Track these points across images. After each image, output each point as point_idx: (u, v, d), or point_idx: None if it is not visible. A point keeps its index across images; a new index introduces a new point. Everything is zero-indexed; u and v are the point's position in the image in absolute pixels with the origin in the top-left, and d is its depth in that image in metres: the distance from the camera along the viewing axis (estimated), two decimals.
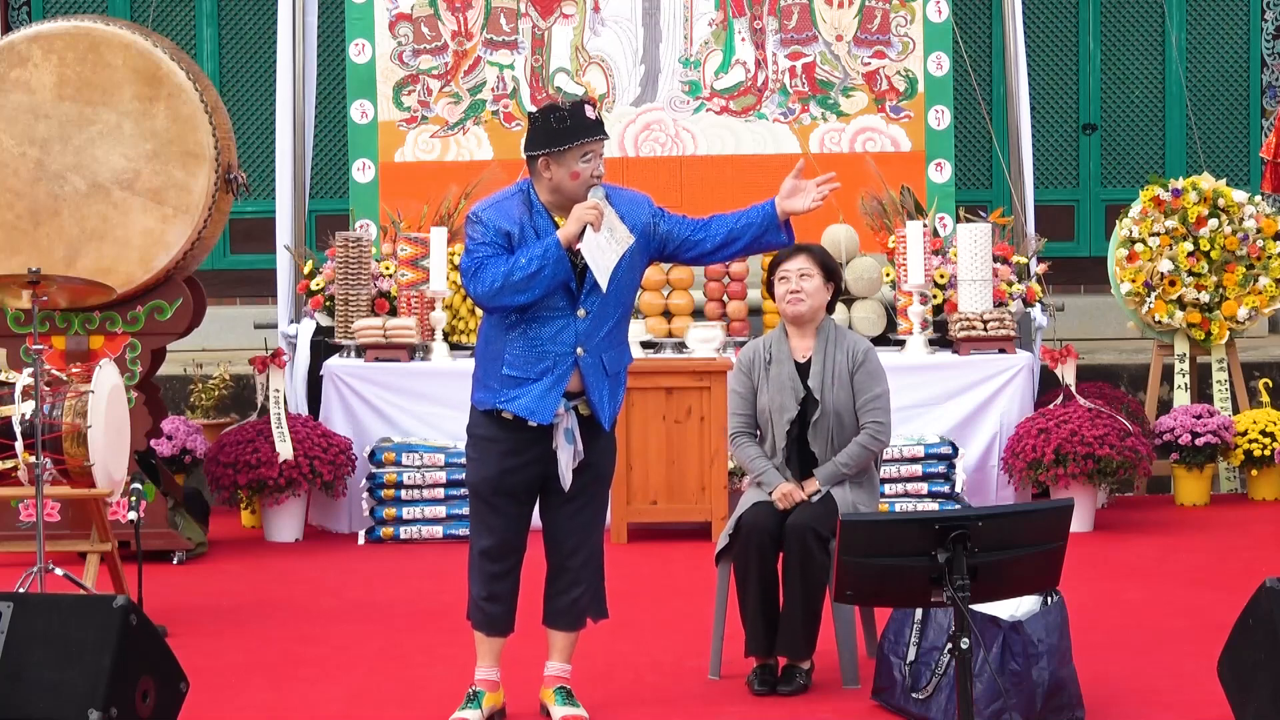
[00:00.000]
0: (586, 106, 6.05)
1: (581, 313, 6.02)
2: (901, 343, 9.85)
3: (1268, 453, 10.01)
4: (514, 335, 6.04)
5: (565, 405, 6.05)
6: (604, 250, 5.93)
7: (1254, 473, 10.13)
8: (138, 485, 7.32)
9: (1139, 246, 10.24)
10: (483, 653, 6.22)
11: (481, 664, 6.23)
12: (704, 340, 9.54)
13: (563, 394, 6.03)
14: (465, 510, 9.14)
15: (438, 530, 9.33)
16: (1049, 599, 6.02)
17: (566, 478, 6.08)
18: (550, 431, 6.07)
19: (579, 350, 6.02)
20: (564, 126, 5.99)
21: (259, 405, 9.54)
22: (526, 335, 6.03)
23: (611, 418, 6.14)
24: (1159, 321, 10.26)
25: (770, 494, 6.59)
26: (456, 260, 9.07)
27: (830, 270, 6.75)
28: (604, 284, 5.95)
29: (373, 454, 9.43)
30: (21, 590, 6.75)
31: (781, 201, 6.19)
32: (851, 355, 6.67)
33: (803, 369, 6.69)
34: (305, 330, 9.98)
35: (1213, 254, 10.24)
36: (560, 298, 6.00)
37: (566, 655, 6.26)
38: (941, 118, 10.68)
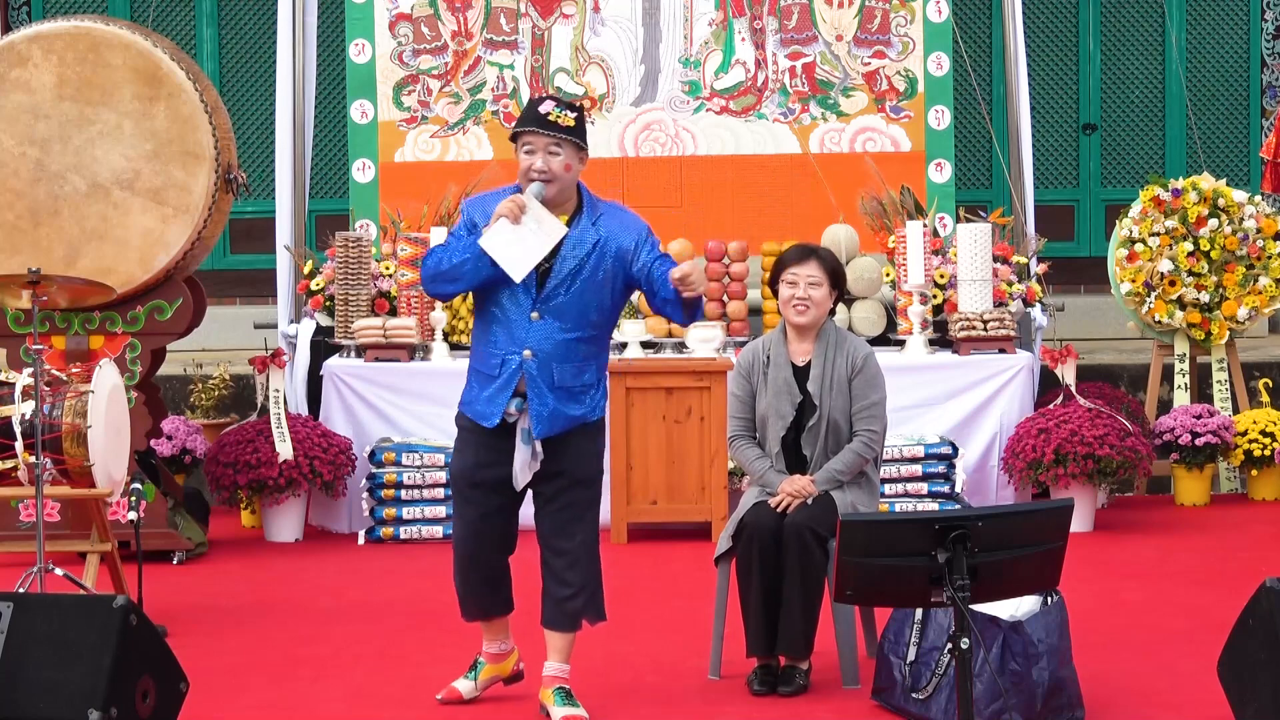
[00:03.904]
0: (546, 102, 6.10)
1: (535, 315, 6.06)
2: (901, 343, 9.85)
3: (1268, 453, 10.01)
4: (480, 331, 6.17)
5: (518, 406, 6.09)
6: (521, 242, 5.94)
7: (1254, 473, 10.13)
8: (138, 485, 7.31)
9: (1139, 246, 10.24)
10: (484, 632, 6.42)
11: (485, 640, 6.43)
12: (704, 340, 9.55)
13: (511, 395, 6.08)
14: None
15: (438, 530, 9.33)
16: (1049, 599, 6.02)
17: (519, 478, 6.13)
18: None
19: (525, 353, 6.06)
20: (519, 116, 6.10)
21: (259, 405, 9.54)
22: (487, 332, 6.14)
23: (546, 432, 6.09)
24: (1159, 321, 10.26)
25: (777, 493, 6.57)
26: None
27: (838, 277, 6.74)
28: (516, 277, 5.98)
29: (373, 454, 9.43)
30: (21, 590, 6.75)
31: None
32: (851, 360, 6.66)
33: (801, 373, 6.68)
34: (305, 330, 9.98)
35: (1213, 254, 10.24)
36: (520, 298, 6.06)
37: (563, 656, 6.27)
38: (941, 118, 10.68)
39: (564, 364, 6.08)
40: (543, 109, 6.06)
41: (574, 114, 6.07)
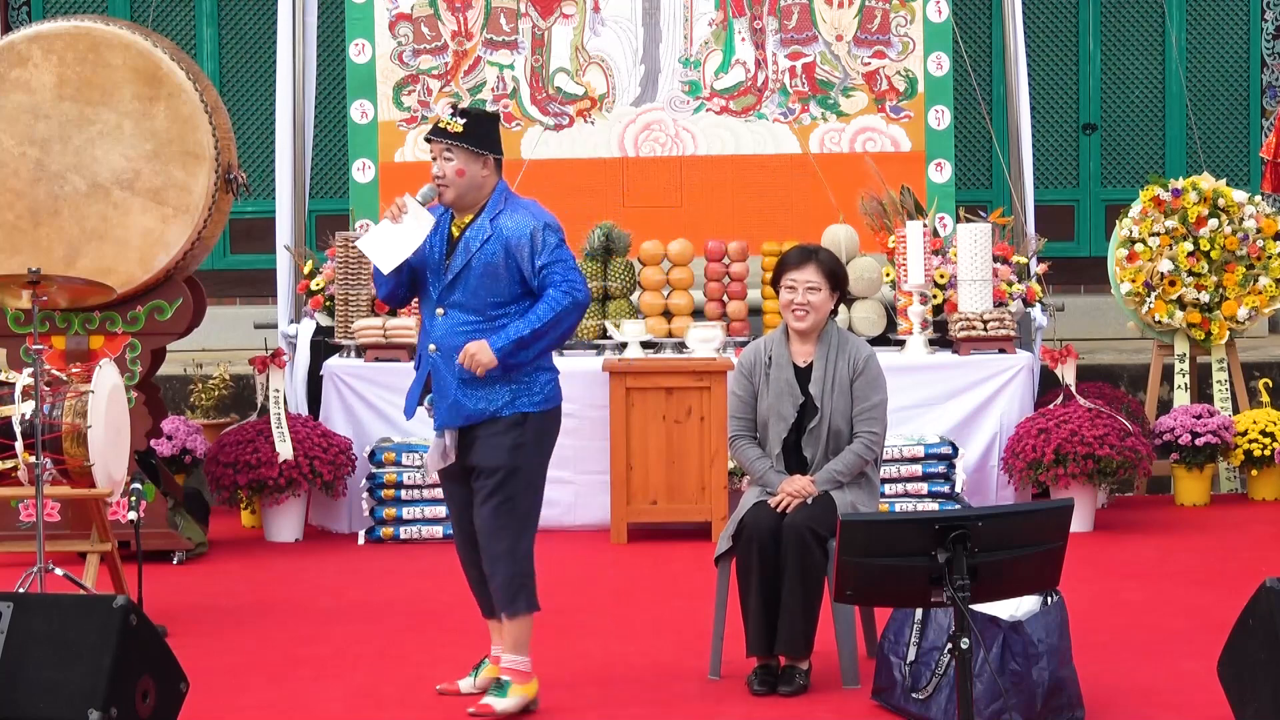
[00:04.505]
0: (447, 111, 6.38)
1: (440, 312, 6.27)
2: (901, 343, 9.85)
3: (1268, 453, 10.01)
4: None
5: (430, 400, 6.34)
6: (394, 238, 6.23)
7: (1254, 473, 10.13)
8: (138, 485, 7.32)
9: (1139, 246, 10.24)
10: (490, 631, 6.54)
11: (492, 640, 6.53)
12: (704, 340, 9.54)
13: (424, 389, 6.35)
14: None
15: (438, 530, 9.32)
16: (1049, 599, 6.02)
17: (428, 467, 6.39)
18: None
19: (431, 348, 6.29)
20: None
21: (259, 405, 9.54)
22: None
23: (445, 423, 6.28)
24: (1159, 321, 10.26)
25: (777, 493, 6.56)
26: None
27: (838, 279, 6.72)
28: (384, 269, 6.26)
29: (373, 454, 9.43)
30: (21, 590, 6.75)
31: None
32: (853, 362, 6.65)
33: (803, 374, 6.68)
34: (305, 330, 9.98)
35: (1213, 254, 10.24)
36: (430, 295, 6.31)
37: (508, 645, 6.37)
38: (941, 118, 10.68)
39: None
40: (443, 116, 6.32)
41: (464, 120, 6.26)
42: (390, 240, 6.25)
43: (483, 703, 6.24)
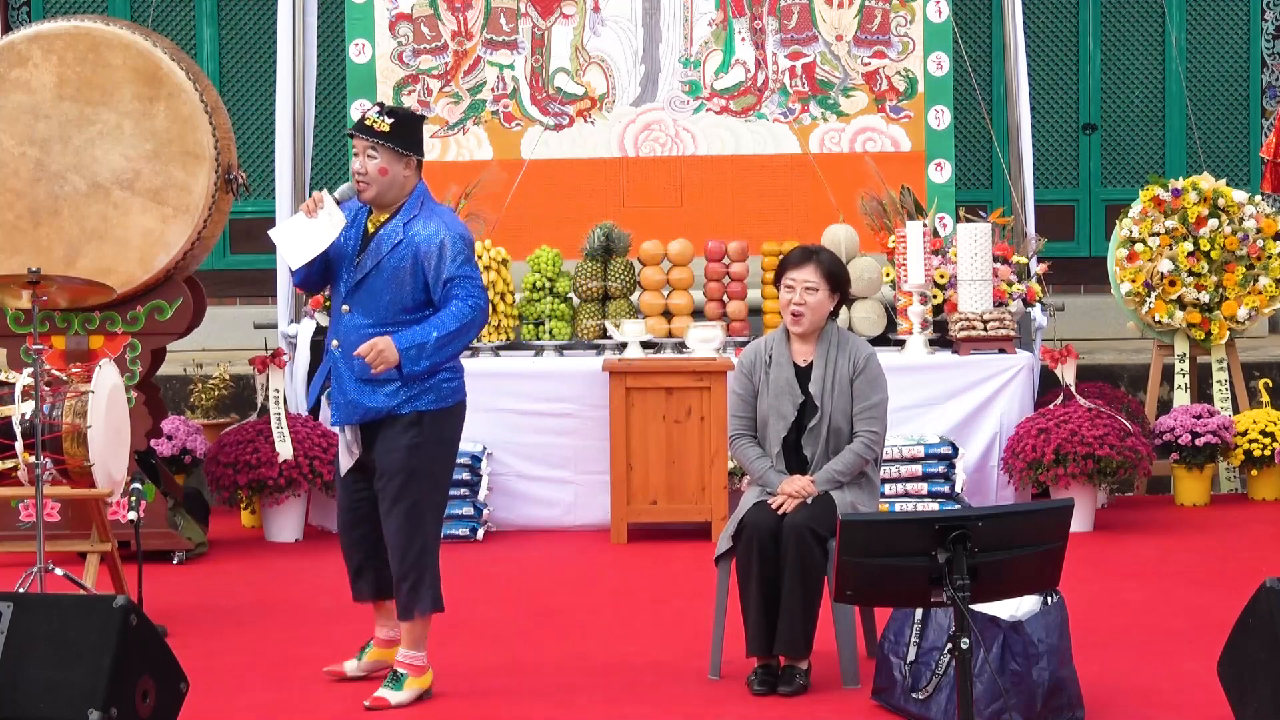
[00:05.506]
0: (372, 109, 6.39)
1: (345, 308, 6.34)
2: (901, 343, 9.85)
3: (1268, 453, 10.01)
4: None
5: (329, 395, 6.46)
6: (306, 234, 6.29)
7: (1254, 473, 10.13)
8: (138, 485, 7.31)
9: (1139, 246, 10.24)
10: (375, 615, 6.70)
11: (376, 623, 6.70)
12: (704, 340, 9.54)
13: (324, 384, 6.46)
14: (462, 510, 9.18)
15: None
16: (1049, 599, 6.02)
17: (339, 464, 6.53)
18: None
19: (334, 343, 6.36)
20: None
21: (259, 405, 9.54)
22: None
23: (343, 420, 6.38)
24: (1159, 321, 10.26)
25: (776, 493, 6.56)
26: None
27: (837, 280, 6.71)
28: (293, 264, 6.33)
29: None
30: (21, 590, 6.75)
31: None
32: (853, 361, 6.65)
33: (803, 373, 6.68)
34: (305, 330, 9.98)
35: (1213, 254, 10.24)
36: (339, 288, 6.36)
37: (407, 642, 6.45)
38: (941, 118, 10.68)
39: None
40: (366, 115, 6.34)
41: (391, 119, 6.30)
42: (302, 235, 6.31)
43: (378, 695, 6.33)
